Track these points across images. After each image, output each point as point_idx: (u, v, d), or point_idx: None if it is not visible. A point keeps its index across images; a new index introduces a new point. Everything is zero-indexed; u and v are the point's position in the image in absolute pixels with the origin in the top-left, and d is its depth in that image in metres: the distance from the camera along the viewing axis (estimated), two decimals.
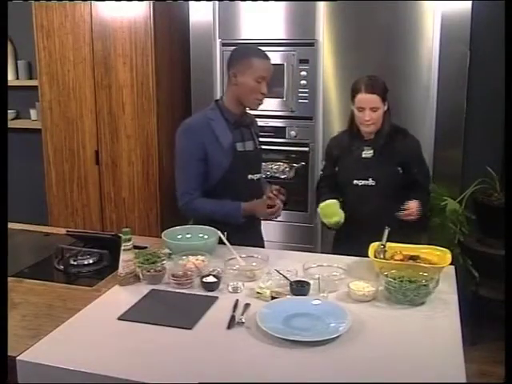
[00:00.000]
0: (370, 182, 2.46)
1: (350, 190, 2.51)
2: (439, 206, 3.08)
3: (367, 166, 2.47)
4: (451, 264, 2.16)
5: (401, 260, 2.07)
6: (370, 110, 2.38)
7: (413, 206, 2.35)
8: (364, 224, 2.41)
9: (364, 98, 2.39)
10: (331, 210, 2.44)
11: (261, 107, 3.13)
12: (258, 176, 2.47)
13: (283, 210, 2.39)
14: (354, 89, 2.43)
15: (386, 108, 2.44)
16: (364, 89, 2.39)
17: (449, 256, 2.07)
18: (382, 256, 2.10)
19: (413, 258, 2.10)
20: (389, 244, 2.14)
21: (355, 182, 2.48)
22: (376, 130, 2.45)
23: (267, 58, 2.35)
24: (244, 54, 2.36)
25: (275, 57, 3.31)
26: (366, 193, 2.47)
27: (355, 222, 2.43)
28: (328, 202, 2.45)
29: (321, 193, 2.61)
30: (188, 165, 2.37)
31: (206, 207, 2.37)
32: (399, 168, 2.47)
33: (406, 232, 2.33)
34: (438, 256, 2.10)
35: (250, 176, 2.42)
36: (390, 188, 2.46)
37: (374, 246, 2.14)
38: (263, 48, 3.33)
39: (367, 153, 2.48)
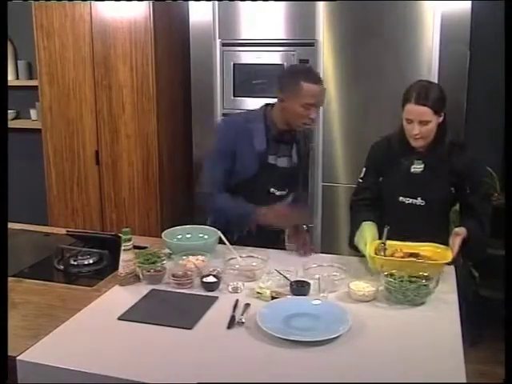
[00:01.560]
0: (419, 201, 2.23)
1: (394, 207, 2.28)
2: None
3: (416, 183, 2.23)
4: (451, 264, 2.17)
5: (401, 257, 2.05)
6: (420, 124, 2.12)
7: (457, 239, 2.06)
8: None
9: (413, 109, 2.12)
10: (363, 236, 2.17)
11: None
12: (280, 193, 2.40)
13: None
14: (405, 97, 2.16)
15: (440, 120, 2.18)
16: (414, 99, 2.11)
17: (449, 253, 2.03)
18: (382, 254, 2.08)
19: (413, 255, 2.07)
20: (389, 242, 2.12)
21: (401, 198, 2.26)
22: (426, 144, 2.21)
23: (318, 81, 2.22)
24: (293, 77, 2.24)
25: (275, 57, 3.32)
26: (412, 212, 2.24)
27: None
28: (364, 226, 2.19)
29: (355, 211, 2.37)
30: (217, 157, 2.35)
31: (227, 204, 2.32)
32: (452, 188, 2.24)
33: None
34: (439, 253, 2.08)
35: (272, 189, 2.38)
36: (440, 209, 2.22)
37: (373, 245, 2.12)
38: (263, 48, 3.37)
39: (417, 167, 2.23)
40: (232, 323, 1.69)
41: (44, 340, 1.61)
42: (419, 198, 2.24)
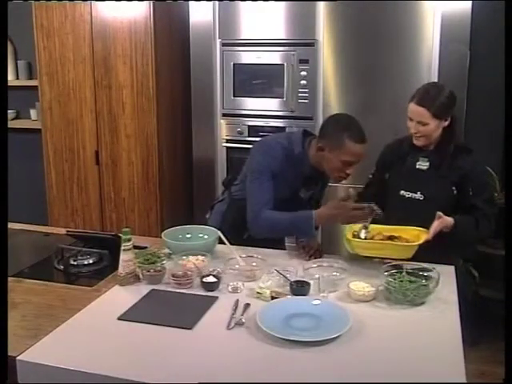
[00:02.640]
0: (418, 195, 2.29)
1: (395, 200, 2.34)
2: None
3: (419, 179, 2.29)
4: (451, 264, 2.17)
5: (380, 240, 2.12)
6: (418, 124, 2.21)
7: (436, 222, 2.11)
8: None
9: (413, 108, 2.21)
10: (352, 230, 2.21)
11: (261, 107, 3.12)
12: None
13: None
14: (412, 95, 2.25)
15: (446, 124, 2.23)
16: (416, 99, 2.21)
17: (424, 235, 2.08)
18: (363, 237, 2.14)
19: (391, 238, 2.13)
20: (372, 226, 2.17)
21: (402, 192, 2.32)
22: (428, 144, 2.27)
23: (362, 141, 2.12)
24: (337, 129, 2.16)
25: (275, 57, 3.32)
26: (411, 207, 2.28)
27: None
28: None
29: (357, 202, 2.39)
30: (263, 177, 2.23)
31: (275, 216, 2.19)
32: (454, 188, 2.26)
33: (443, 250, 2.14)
34: (417, 236, 2.11)
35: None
36: (438, 206, 2.19)
37: (352, 227, 2.17)
38: (263, 48, 3.37)
39: (422, 164, 2.29)
40: (232, 323, 1.69)
41: (44, 340, 1.61)
42: (419, 193, 2.29)
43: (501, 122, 2.40)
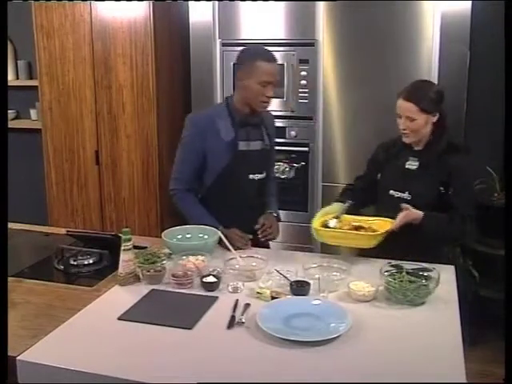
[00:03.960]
0: (406, 195, 2.29)
1: (385, 199, 2.36)
2: None
3: (408, 178, 2.30)
4: (451, 264, 2.17)
5: (347, 230, 2.19)
6: (406, 119, 2.21)
7: (401, 213, 2.15)
8: (392, 237, 2.17)
9: (401, 104, 2.22)
10: (321, 212, 2.33)
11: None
12: (260, 176, 2.45)
13: (283, 209, 2.41)
14: (399, 92, 2.25)
15: (435, 119, 2.24)
16: (403, 95, 2.21)
17: (387, 225, 2.15)
18: (331, 226, 2.21)
19: (358, 228, 2.18)
20: (344, 216, 2.26)
21: (391, 192, 2.33)
22: (417, 141, 2.28)
23: (273, 60, 2.30)
24: (249, 56, 2.32)
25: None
26: (399, 206, 2.24)
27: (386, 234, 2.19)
28: (332, 205, 2.36)
29: (340, 194, 2.50)
30: (185, 153, 2.41)
31: (186, 207, 2.42)
32: (442, 188, 2.26)
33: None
34: (385, 226, 2.17)
35: (251, 176, 2.42)
36: (425, 205, 2.21)
37: (321, 217, 2.25)
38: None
39: (412, 164, 2.30)
40: (232, 323, 1.69)
41: (44, 340, 1.61)
42: (407, 193, 2.30)
43: (501, 122, 2.39)
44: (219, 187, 2.39)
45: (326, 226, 2.23)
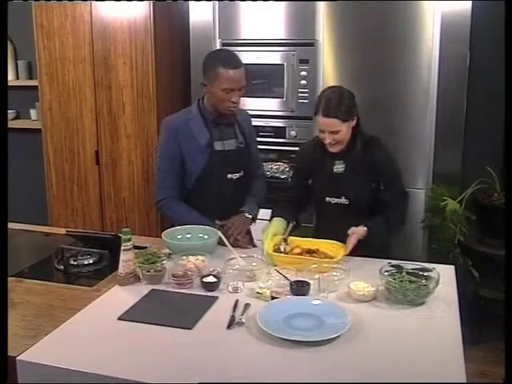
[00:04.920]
0: (343, 200, 2.29)
1: (322, 207, 2.36)
2: (439, 206, 3.08)
3: (339, 182, 2.29)
4: (451, 264, 2.17)
5: (298, 254, 2.15)
6: (331, 133, 2.19)
7: (351, 237, 2.15)
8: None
9: (322, 121, 2.19)
10: (266, 231, 2.26)
11: (261, 107, 3.13)
12: (238, 175, 2.45)
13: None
14: (315, 108, 2.22)
15: (353, 124, 2.23)
16: (322, 111, 2.17)
17: (342, 251, 2.12)
18: (282, 250, 2.18)
19: (309, 251, 2.16)
20: (291, 238, 2.23)
21: (327, 199, 2.32)
22: (342, 147, 2.26)
23: (236, 66, 2.26)
24: (212, 62, 2.30)
25: (275, 57, 3.32)
26: (339, 211, 2.29)
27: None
28: (273, 221, 2.31)
29: (276, 206, 2.42)
30: (164, 162, 2.42)
31: (178, 212, 2.41)
32: (373, 184, 2.30)
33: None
34: (334, 250, 2.16)
35: (229, 175, 2.42)
36: (364, 206, 2.27)
37: (273, 240, 2.21)
38: (263, 48, 3.36)
39: (338, 167, 2.29)
40: (232, 323, 1.69)
41: (44, 340, 1.61)
42: (343, 198, 2.30)
43: (501, 122, 2.40)
44: (199, 189, 2.40)
45: (277, 250, 2.18)
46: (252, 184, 2.56)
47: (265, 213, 2.60)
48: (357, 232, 2.16)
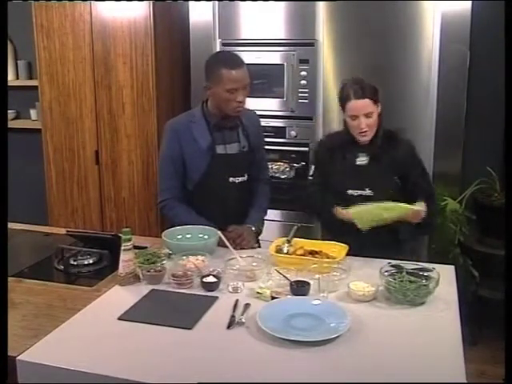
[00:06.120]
0: (368, 192, 2.27)
1: (344, 200, 2.28)
2: (439, 206, 3.08)
3: (363, 175, 2.29)
4: (451, 264, 2.17)
5: (301, 255, 2.15)
6: (365, 117, 2.21)
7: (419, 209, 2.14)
8: (361, 237, 2.19)
9: (356, 104, 2.20)
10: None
11: (261, 107, 3.13)
12: (241, 179, 2.43)
13: (283, 209, 2.40)
14: (342, 96, 2.25)
15: (379, 110, 2.28)
16: (353, 95, 2.20)
17: (344, 252, 2.11)
18: (285, 251, 2.17)
19: (312, 252, 2.16)
20: (295, 239, 2.23)
21: (350, 191, 2.30)
22: (372, 136, 2.28)
23: (238, 67, 2.26)
24: (214, 64, 2.31)
25: (275, 57, 3.32)
26: (362, 202, 2.24)
27: (352, 235, 2.19)
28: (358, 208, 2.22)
29: (316, 195, 2.41)
30: (165, 164, 2.43)
31: (180, 215, 2.40)
32: (396, 177, 2.31)
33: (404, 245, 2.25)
34: (336, 252, 2.16)
35: (231, 179, 2.41)
36: (387, 198, 2.21)
37: (277, 242, 2.22)
38: (263, 48, 3.36)
39: (362, 159, 2.29)
40: (232, 323, 1.69)
41: (44, 340, 1.61)
42: (367, 189, 2.29)
43: (501, 122, 2.40)
44: (200, 192, 2.40)
45: (279, 250, 2.18)
46: (256, 191, 2.53)
47: (268, 213, 2.64)
48: (423, 208, 2.14)
